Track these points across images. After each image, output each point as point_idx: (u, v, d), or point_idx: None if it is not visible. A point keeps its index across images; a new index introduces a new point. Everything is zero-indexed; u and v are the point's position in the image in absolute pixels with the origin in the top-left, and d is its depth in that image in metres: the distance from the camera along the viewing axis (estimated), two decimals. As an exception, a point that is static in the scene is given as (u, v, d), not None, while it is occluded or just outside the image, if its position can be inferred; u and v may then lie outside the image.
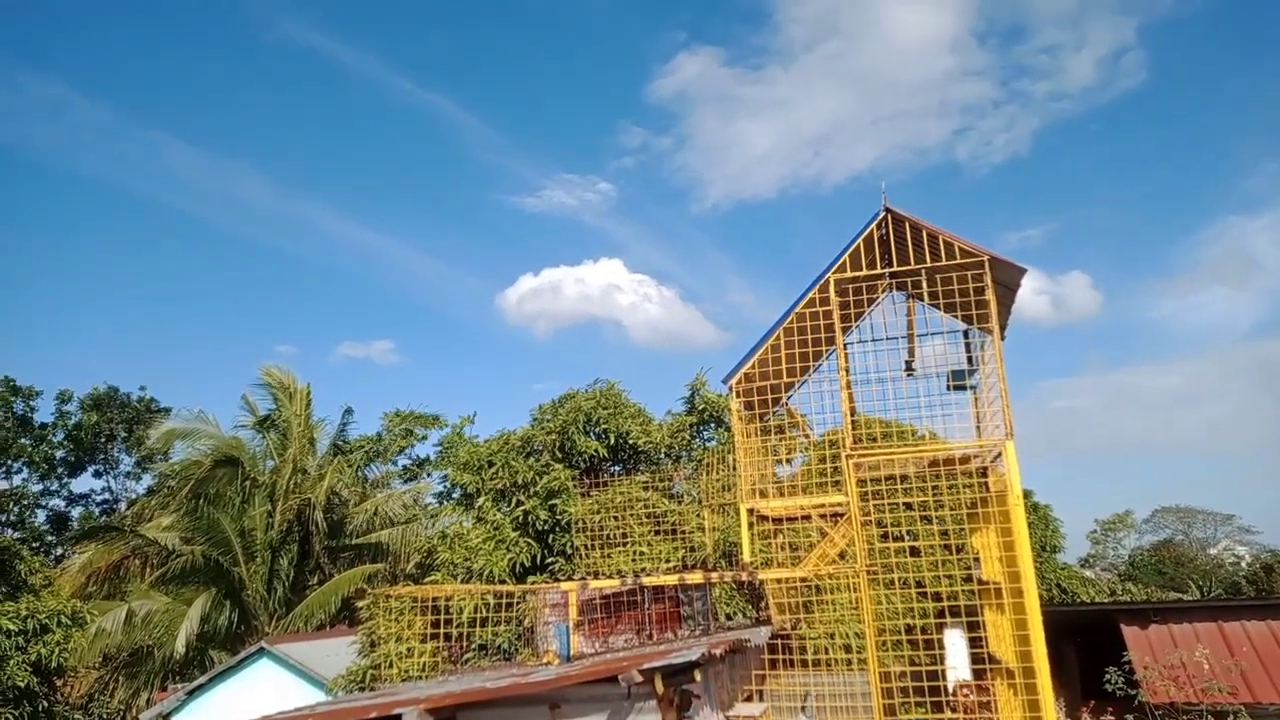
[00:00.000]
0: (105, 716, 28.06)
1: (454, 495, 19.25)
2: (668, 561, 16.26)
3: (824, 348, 9.02)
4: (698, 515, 16.57)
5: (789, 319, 8.35)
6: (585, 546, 16.63)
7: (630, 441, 18.10)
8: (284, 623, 30.27)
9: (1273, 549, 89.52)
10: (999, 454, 8.11)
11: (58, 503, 44.91)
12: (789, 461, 9.71)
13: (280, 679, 21.77)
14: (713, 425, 18.59)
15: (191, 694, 22.41)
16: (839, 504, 8.10)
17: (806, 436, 9.79)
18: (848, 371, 8.11)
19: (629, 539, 16.69)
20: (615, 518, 16.76)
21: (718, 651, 5.79)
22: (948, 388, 9.60)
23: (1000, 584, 7.88)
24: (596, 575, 16.33)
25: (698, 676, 5.71)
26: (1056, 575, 32.41)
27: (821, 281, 8.24)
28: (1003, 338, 8.30)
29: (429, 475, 36.56)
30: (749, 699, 8.25)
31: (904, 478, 9.07)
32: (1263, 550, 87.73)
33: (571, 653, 8.10)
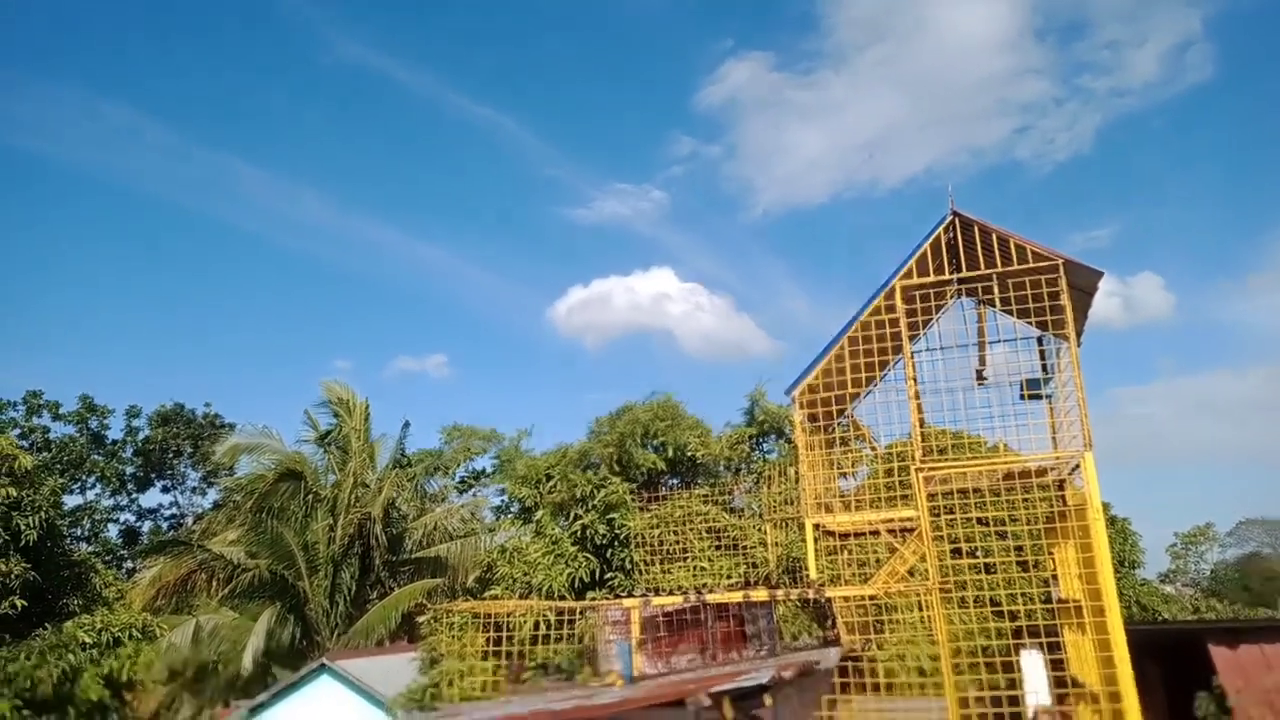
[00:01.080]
0: (175, 728, 28.71)
1: (512, 509, 19.33)
2: (729, 577, 16.07)
3: (890, 357, 8.79)
4: (759, 530, 16.35)
5: (853, 328, 8.14)
6: (644, 562, 16.52)
7: (689, 454, 17.96)
8: (345, 638, 30.68)
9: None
10: (1076, 466, 7.78)
11: (128, 517, 46.37)
12: (854, 475, 9.48)
13: (340, 696, 22.02)
14: (773, 437, 18.36)
15: (254, 711, 22.80)
16: (908, 519, 7.86)
17: (873, 449, 9.54)
18: (916, 381, 7.87)
19: (689, 554, 16.54)
20: (674, 532, 16.63)
21: (787, 674, 5.63)
22: (1022, 397, 9.29)
23: (1080, 602, 7.56)
24: (657, 591, 16.22)
25: (767, 701, 5.56)
26: (1136, 592, 31.26)
27: (887, 288, 8.03)
28: (1079, 344, 7.98)
29: (486, 489, 36.82)
30: None
31: (976, 491, 8.77)
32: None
33: (634, 673, 7.99)
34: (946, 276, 8.38)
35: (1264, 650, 15.99)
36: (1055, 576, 9.08)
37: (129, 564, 41.87)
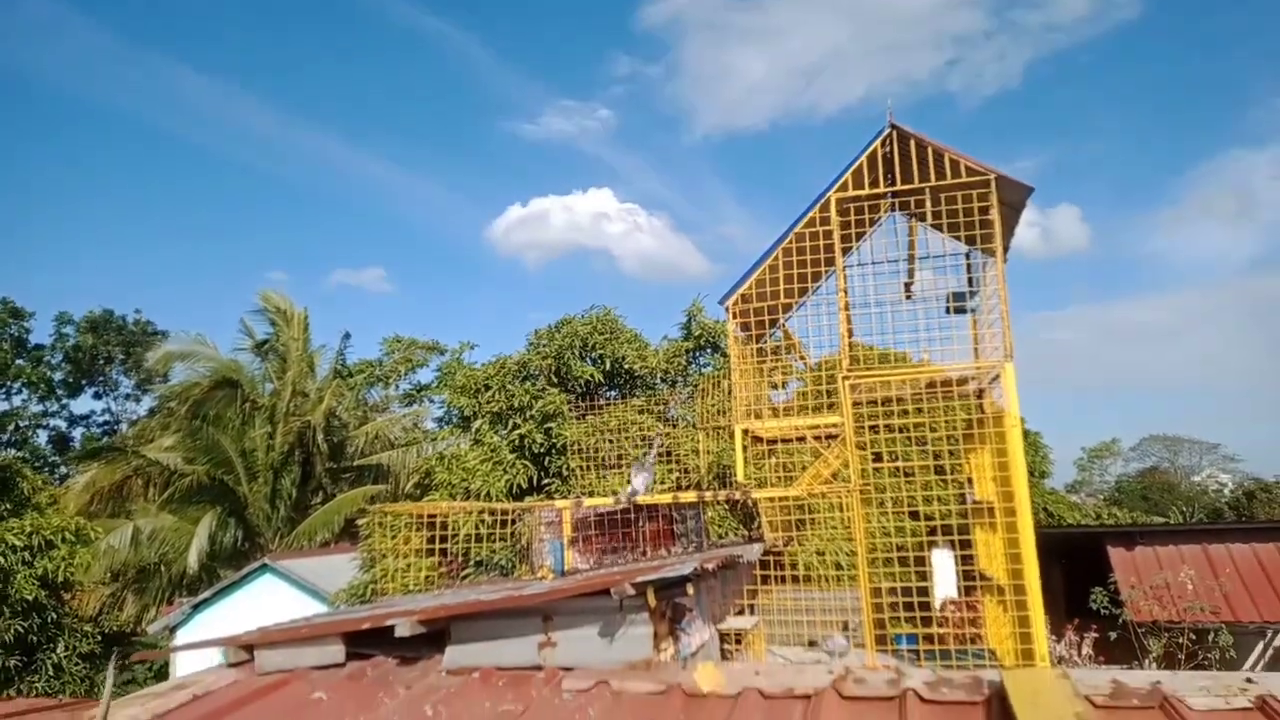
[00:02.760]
0: (116, 629, 28.59)
1: (452, 419, 19.23)
2: (662, 484, 16.32)
3: (823, 270, 8.78)
4: (692, 439, 16.57)
5: (788, 240, 8.09)
6: (580, 469, 16.65)
7: (626, 367, 17.98)
8: (288, 540, 30.64)
9: (1256, 476, 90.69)
10: (996, 377, 7.95)
11: (58, 424, 45.07)
12: (784, 385, 9.57)
13: (283, 593, 22.10)
14: (709, 351, 18.46)
15: (197, 607, 22.78)
16: (834, 425, 8.00)
17: (803, 359, 9.64)
18: (846, 294, 7.89)
19: (624, 461, 16.71)
20: (610, 440, 16.74)
21: (710, 566, 5.74)
22: (947, 310, 9.42)
23: (993, 504, 7.83)
24: (592, 494, 16.43)
25: (690, 590, 5.67)
26: (1044, 500, 32.71)
27: (822, 200, 7.97)
28: (1005, 259, 8.06)
29: (429, 400, 36.58)
30: (740, 613, 8.26)
31: (900, 399, 8.95)
32: (1246, 477, 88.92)
33: (566, 568, 8.10)
34: (881, 190, 8.35)
35: (1156, 551, 16.99)
36: (970, 480, 9.38)
37: (62, 469, 40.89)
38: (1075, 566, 17.40)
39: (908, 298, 9.60)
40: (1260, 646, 17.96)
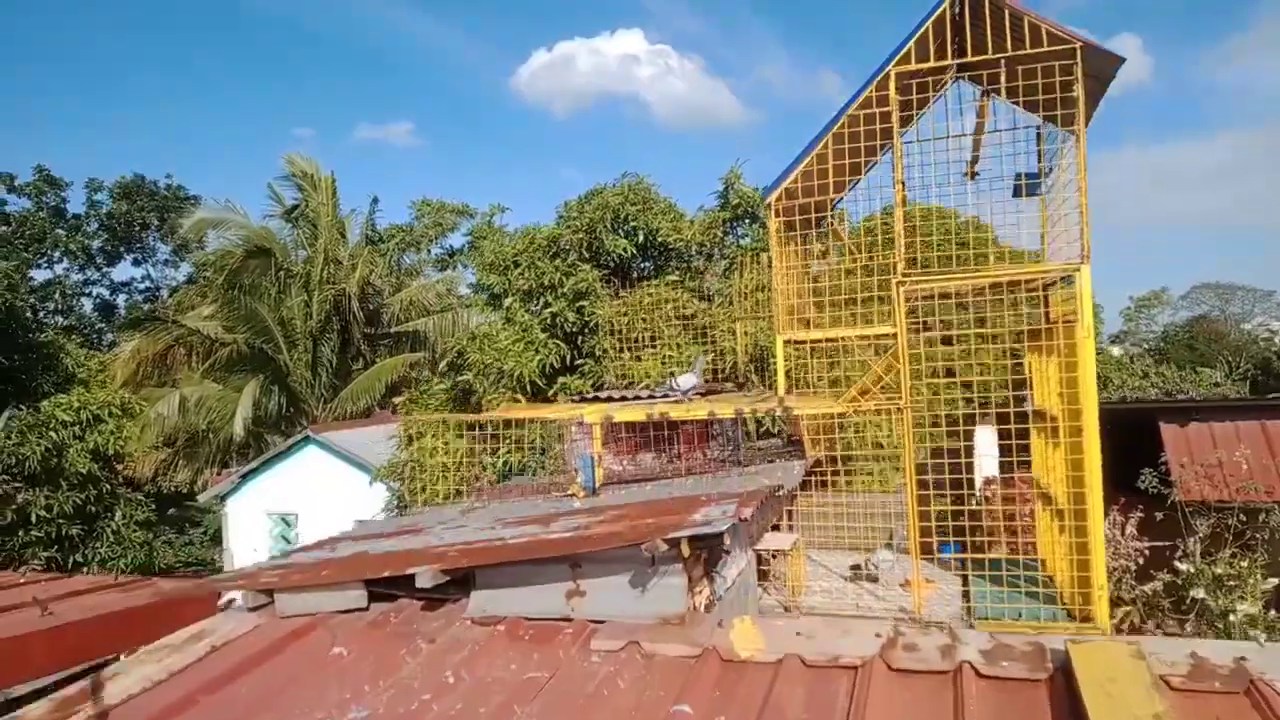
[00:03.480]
0: (171, 490, 29.63)
1: (481, 296, 18.69)
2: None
3: (877, 154, 7.82)
4: (729, 317, 15.88)
5: (839, 124, 7.10)
6: (614, 349, 16.14)
7: (660, 239, 17.11)
8: (332, 406, 31.10)
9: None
10: (1067, 277, 7.10)
11: (101, 291, 45.43)
12: (830, 284, 8.78)
13: (326, 463, 22.48)
14: (747, 221, 17.45)
15: (244, 477, 23.33)
16: (884, 335, 7.28)
17: (853, 254, 8.77)
18: (904, 183, 6.96)
19: (658, 340, 16.15)
20: (643, 319, 16.13)
21: (747, 513, 5.24)
22: (1016, 193, 8.44)
23: (1055, 416, 7.17)
24: (627, 381, 15.98)
25: (727, 540, 5.18)
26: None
27: (880, 76, 6.92)
28: (1085, 140, 7.02)
29: (463, 265, 36.02)
30: (776, 527, 7.86)
31: (959, 295, 8.14)
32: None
33: (596, 484, 7.71)
34: (948, 62, 7.24)
35: (1212, 428, 16.25)
36: (1030, 383, 8.68)
37: (109, 336, 41.51)
38: (1127, 440, 16.75)
39: (972, 177, 8.62)
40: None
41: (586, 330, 16.32)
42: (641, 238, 17.31)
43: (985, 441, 17.41)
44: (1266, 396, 16.68)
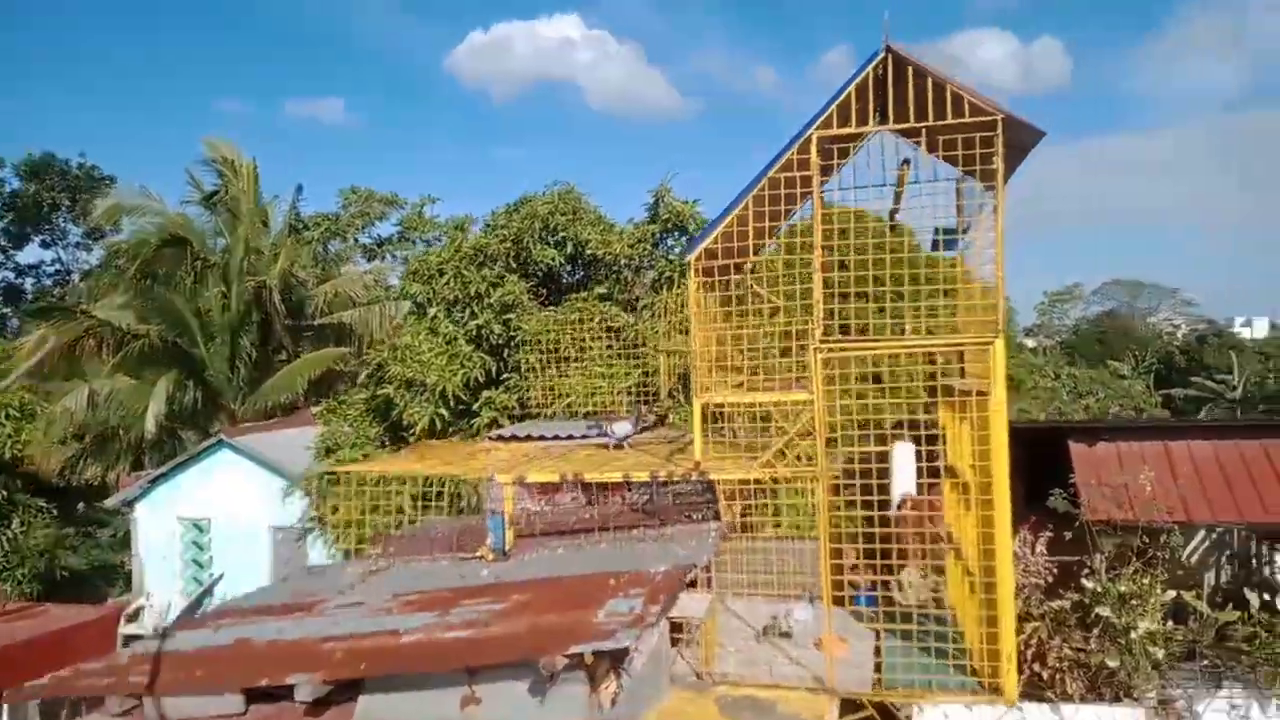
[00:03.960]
0: (80, 484, 28.22)
1: (404, 305, 18.09)
2: (624, 382, 15.55)
3: (798, 205, 7.63)
4: (657, 334, 15.67)
5: (759, 183, 6.88)
6: (540, 364, 15.80)
7: (589, 251, 16.77)
8: (252, 401, 30.00)
9: (1209, 319, 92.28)
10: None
11: (7, 274, 42.97)
12: (749, 340, 8.53)
13: (241, 468, 21.60)
14: (677, 234, 17.22)
15: (154, 482, 22.30)
16: (801, 403, 7.13)
17: (771, 307, 8.58)
18: (824, 252, 6.79)
19: (586, 354, 15.87)
20: (570, 334, 15.82)
21: (653, 618, 5.02)
22: (934, 245, 8.37)
23: (967, 478, 7.13)
24: (553, 394, 15.65)
25: (632, 648, 4.96)
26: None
27: (802, 140, 6.72)
28: (1002, 207, 6.94)
29: (392, 256, 35.04)
30: (694, 581, 7.67)
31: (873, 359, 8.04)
32: (1199, 321, 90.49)
33: (508, 545, 7.40)
34: (870, 129, 7.08)
35: (1118, 448, 16.68)
36: (943, 439, 8.66)
37: (15, 323, 39.32)
38: (1039, 458, 17.09)
39: (892, 229, 8.51)
40: (1209, 544, 18.14)
41: (513, 344, 15.93)
42: (570, 248, 16.96)
43: (903, 458, 17.60)
44: (1168, 420, 17.13)
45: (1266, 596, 15.10)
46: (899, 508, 17.07)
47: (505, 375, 15.93)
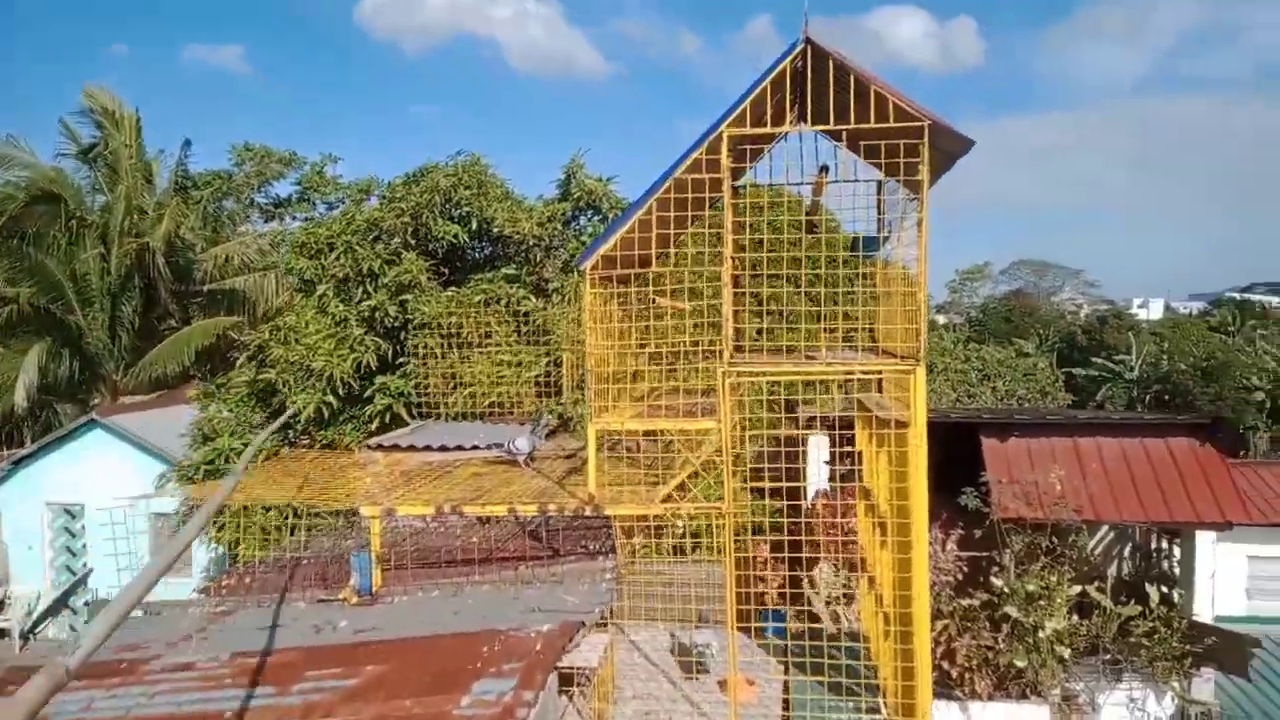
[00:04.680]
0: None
1: (291, 281, 16.74)
2: (531, 371, 14.71)
3: (705, 209, 6.90)
4: (567, 318, 14.83)
5: (664, 184, 6.10)
6: (440, 349, 14.79)
7: (496, 229, 15.75)
8: (134, 372, 28.06)
9: (1110, 300, 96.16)
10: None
11: None
12: (651, 358, 7.78)
13: (116, 450, 20.04)
14: (590, 214, 16.32)
15: (18, 464, 20.52)
16: (705, 431, 6.48)
17: (675, 322, 7.85)
18: (735, 264, 6.07)
19: (490, 339, 14.93)
20: (474, 317, 14.84)
21: (525, 711, 4.30)
22: (853, 253, 7.76)
23: (884, 511, 6.61)
24: (453, 382, 14.68)
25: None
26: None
27: (712, 137, 5.96)
28: (927, 221, 6.33)
29: (291, 217, 33.07)
30: (585, 623, 6.96)
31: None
32: (1100, 301, 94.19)
33: (375, 587, 6.55)
34: (786, 129, 6.36)
35: (1029, 445, 16.67)
36: (860, 457, 8.14)
37: None
38: (949, 452, 16.96)
39: (809, 230, 7.87)
40: (1112, 536, 18.43)
41: (410, 326, 14.87)
42: (475, 225, 15.90)
43: (817, 452, 17.26)
44: (1077, 418, 17.18)
45: (1165, 589, 15.40)
46: (812, 504, 16.80)
47: (401, 360, 14.87)
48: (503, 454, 8.32)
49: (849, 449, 9.21)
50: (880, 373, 6.34)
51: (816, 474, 17.08)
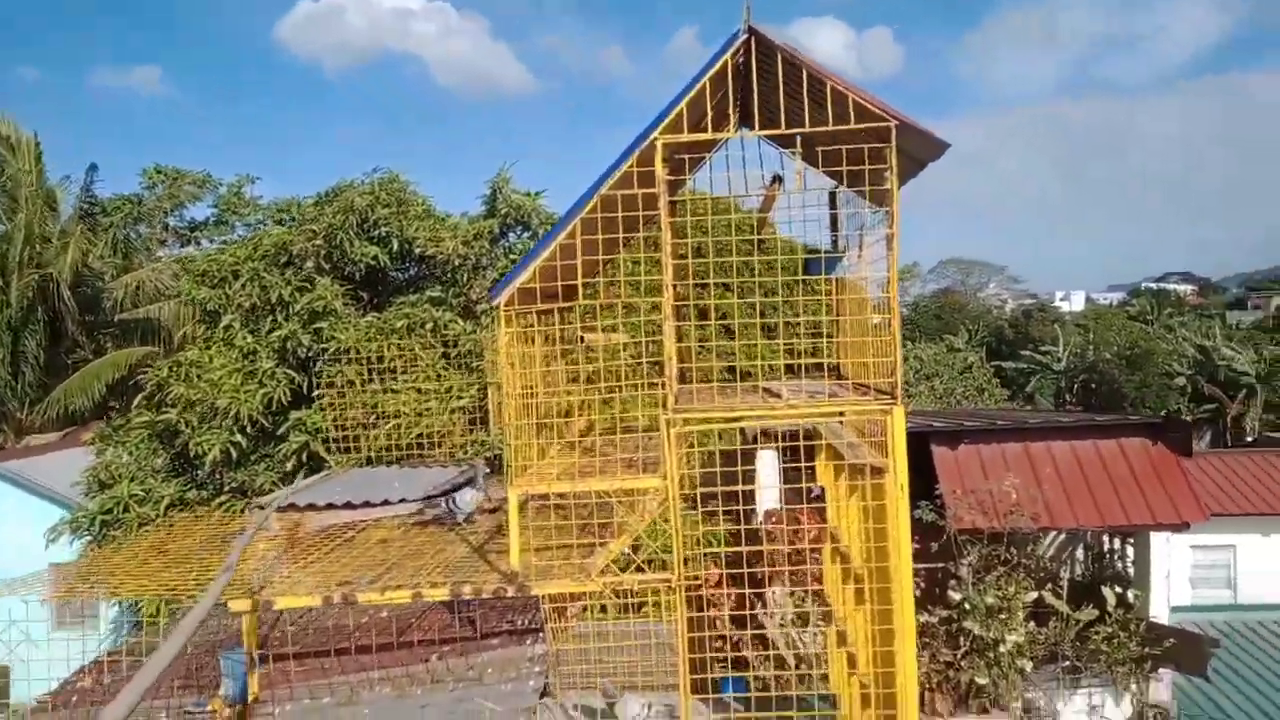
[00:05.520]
0: None
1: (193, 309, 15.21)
2: (460, 399, 13.51)
3: (639, 227, 5.90)
4: (496, 342, 13.65)
5: (590, 201, 5.07)
6: (361, 379, 13.48)
7: (418, 249, 14.51)
8: (41, 408, 26.00)
9: (1033, 294, 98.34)
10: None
11: None
12: (581, 405, 6.69)
13: (12, 498, 18.19)
14: (519, 230, 15.18)
15: (-100, 520, 18.50)
16: (650, 490, 5.46)
17: (608, 363, 6.81)
18: (676, 288, 5.06)
19: (415, 368, 13.69)
20: (397, 345, 13.58)
21: None
22: (807, 269, 6.82)
23: (864, 568, 5.67)
24: (376, 414, 13.41)
25: None
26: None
27: (643, 146, 4.95)
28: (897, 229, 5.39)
29: (209, 241, 31.08)
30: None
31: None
32: (1025, 295, 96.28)
33: (251, 695, 5.36)
34: (729, 134, 5.38)
35: (980, 452, 16.05)
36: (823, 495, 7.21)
37: None
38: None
39: (759, 244, 6.89)
40: (1065, 538, 17.92)
41: (325, 356, 13.52)
42: (396, 245, 14.64)
43: (767, 468, 16.36)
44: (1027, 422, 16.57)
45: (1120, 589, 14.91)
46: (763, 523, 15.90)
47: (318, 392, 13.51)
48: (439, 513, 7.16)
49: (802, 464, 8.26)
50: (855, 413, 5.39)
51: (767, 493, 16.25)
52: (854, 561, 5.92)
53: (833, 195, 6.86)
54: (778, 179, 5.88)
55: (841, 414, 5.41)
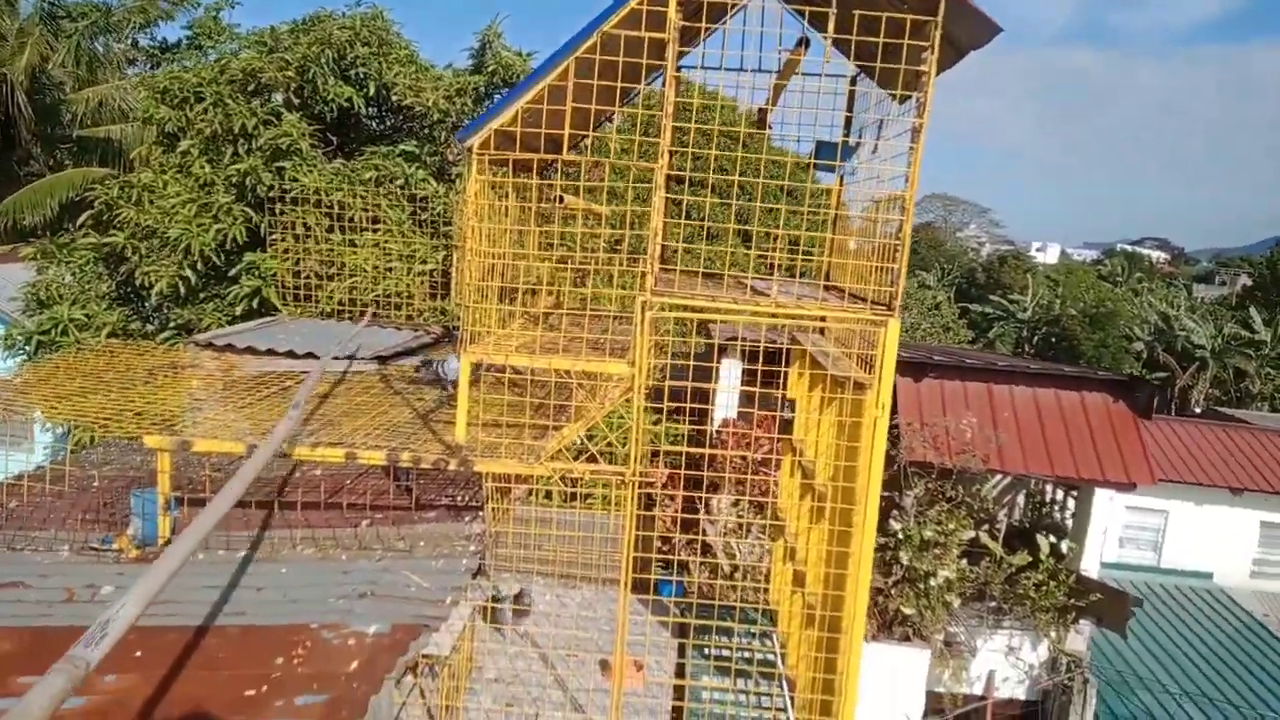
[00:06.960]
0: None
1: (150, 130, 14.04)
2: (424, 263, 12.81)
3: (642, 80, 5.19)
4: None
5: (587, 41, 4.33)
6: (322, 227, 12.68)
7: (396, 98, 13.47)
8: (-12, 219, 24.58)
9: (1011, 241, 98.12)
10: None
11: None
12: (552, 272, 6.12)
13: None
14: (506, 92, 14.12)
15: None
16: (619, 376, 4.93)
17: (590, 229, 6.15)
18: (670, 158, 4.41)
19: (381, 224, 12.91)
20: (364, 196, 12.75)
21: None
22: (812, 164, 6.20)
23: (824, 488, 5.29)
24: (335, 268, 12.67)
25: None
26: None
27: (657, -19, 4.20)
28: (924, 126, 4.78)
29: (180, 64, 29.08)
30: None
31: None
32: (1002, 241, 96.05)
33: (162, 537, 4.89)
34: (755, -15, 4.64)
35: (943, 387, 15.79)
36: (792, 405, 6.78)
37: None
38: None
39: (766, 126, 6.24)
40: (1009, 481, 17.97)
41: (287, 198, 12.64)
42: (372, 89, 13.57)
43: (729, 378, 16.02)
44: (995, 364, 16.31)
45: (1055, 540, 15.05)
46: (718, 431, 15.65)
47: (275, 236, 12.70)
48: (428, 374, 6.61)
49: (769, 380, 7.84)
50: (844, 322, 4.88)
51: (726, 400, 15.95)
52: (817, 478, 5.53)
53: (853, 83, 6.18)
54: (805, 41, 5.18)
55: (823, 319, 4.91)
